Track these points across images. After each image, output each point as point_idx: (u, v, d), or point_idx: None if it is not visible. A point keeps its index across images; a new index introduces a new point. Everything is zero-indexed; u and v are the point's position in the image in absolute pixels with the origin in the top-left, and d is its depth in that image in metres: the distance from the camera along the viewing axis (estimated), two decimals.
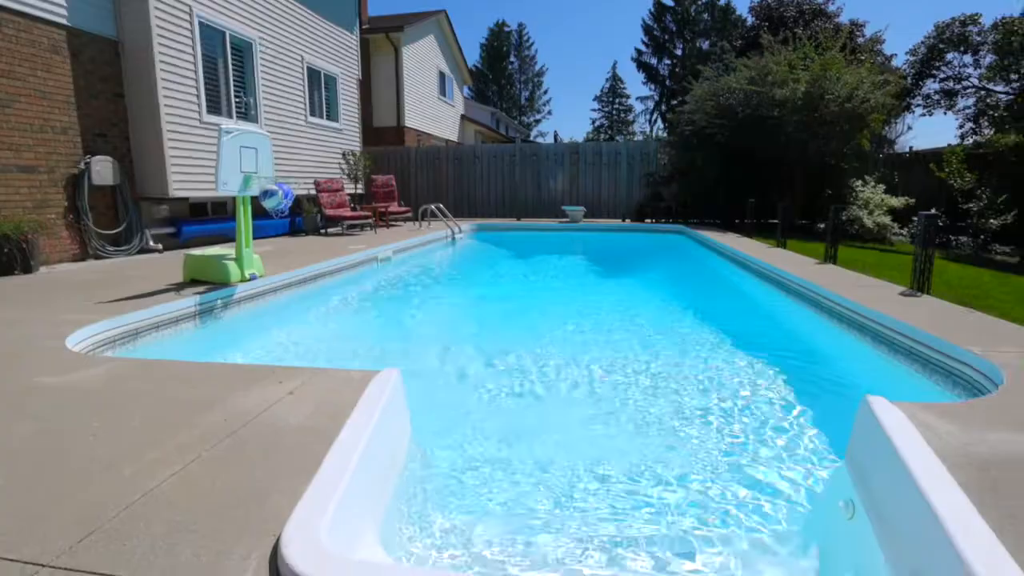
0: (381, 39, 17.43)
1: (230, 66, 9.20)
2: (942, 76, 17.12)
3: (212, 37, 8.82)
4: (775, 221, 9.51)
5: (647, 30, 42.77)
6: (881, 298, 4.47)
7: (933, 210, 5.37)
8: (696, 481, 2.33)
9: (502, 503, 2.21)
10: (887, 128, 15.45)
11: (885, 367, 3.71)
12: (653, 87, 43.95)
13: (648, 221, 13.95)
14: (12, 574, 1.30)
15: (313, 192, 11.21)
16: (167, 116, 7.81)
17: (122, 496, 1.62)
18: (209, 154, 8.34)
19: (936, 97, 17.44)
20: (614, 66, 53.38)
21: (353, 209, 11.98)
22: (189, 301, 4.35)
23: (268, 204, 5.10)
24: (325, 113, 12.51)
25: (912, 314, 3.87)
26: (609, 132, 52.65)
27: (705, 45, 39.60)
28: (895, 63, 18.25)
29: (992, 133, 12.54)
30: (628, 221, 14.29)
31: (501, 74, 53.33)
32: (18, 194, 6.43)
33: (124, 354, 3.69)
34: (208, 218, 9.20)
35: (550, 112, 55.39)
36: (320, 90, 12.26)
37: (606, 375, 3.64)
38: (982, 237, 9.23)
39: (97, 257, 7.23)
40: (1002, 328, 3.58)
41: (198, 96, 8.40)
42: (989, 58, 15.51)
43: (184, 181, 8.09)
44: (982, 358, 2.91)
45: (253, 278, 5.11)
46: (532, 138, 51.09)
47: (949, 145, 11.74)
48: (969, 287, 5.42)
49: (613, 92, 53.47)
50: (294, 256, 7.25)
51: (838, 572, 1.85)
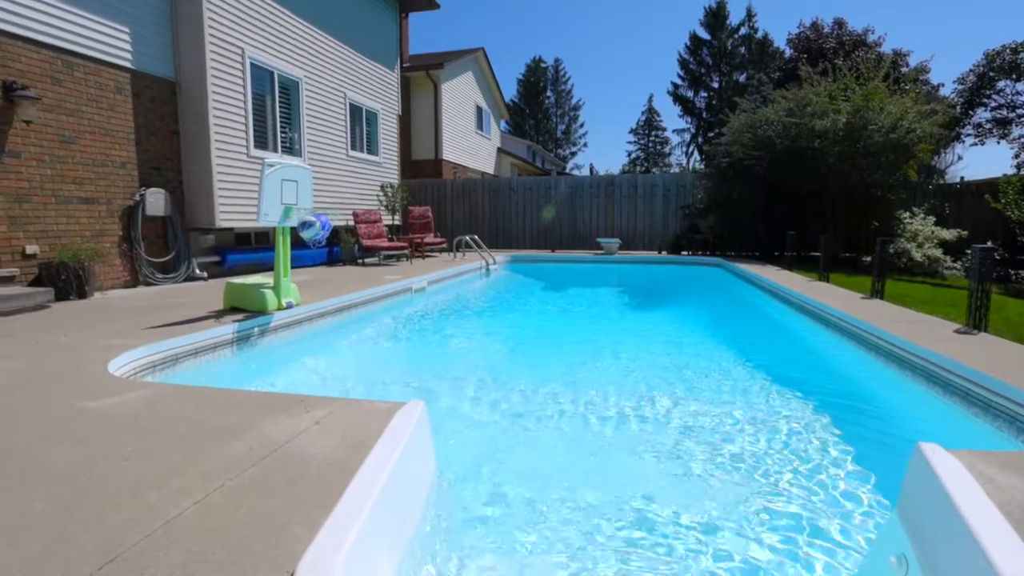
0: (421, 76, 18.06)
1: (277, 103, 9.66)
2: (994, 104, 16.55)
3: (261, 77, 9.30)
4: (816, 254, 9.22)
5: (683, 64, 43.06)
6: (934, 336, 4.23)
7: (989, 243, 5.10)
8: (735, 531, 2.20)
9: (529, 544, 2.13)
10: (936, 158, 14.97)
11: (940, 411, 3.48)
12: (689, 120, 43.99)
13: (685, 253, 13.76)
14: None
15: (352, 223, 11.52)
16: (217, 151, 8.21)
17: (145, 523, 1.63)
18: (254, 186, 8.69)
19: (988, 126, 16.83)
20: (650, 99, 53.87)
21: (390, 240, 12.23)
22: (227, 328, 4.47)
23: (306, 235, 5.24)
24: (365, 147, 12.94)
25: (969, 353, 3.64)
26: (645, 164, 52.70)
27: (742, 78, 39.55)
28: (942, 92, 17.78)
29: None
30: (664, 253, 14.12)
31: (538, 108, 54.34)
32: (78, 224, 6.81)
33: (163, 379, 3.79)
34: (251, 247, 9.53)
35: (586, 145, 56.04)
36: (361, 125, 12.72)
37: (640, 413, 3.52)
38: None
39: (147, 284, 7.55)
40: None
41: (246, 132, 8.82)
42: None
43: (230, 212, 8.44)
44: None
45: (290, 306, 5.22)
46: (568, 170, 51.54)
47: (1005, 175, 11.25)
48: None
49: (649, 125, 53.72)
50: (330, 285, 7.40)
51: None
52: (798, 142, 10.90)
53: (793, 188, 11.49)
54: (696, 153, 43.02)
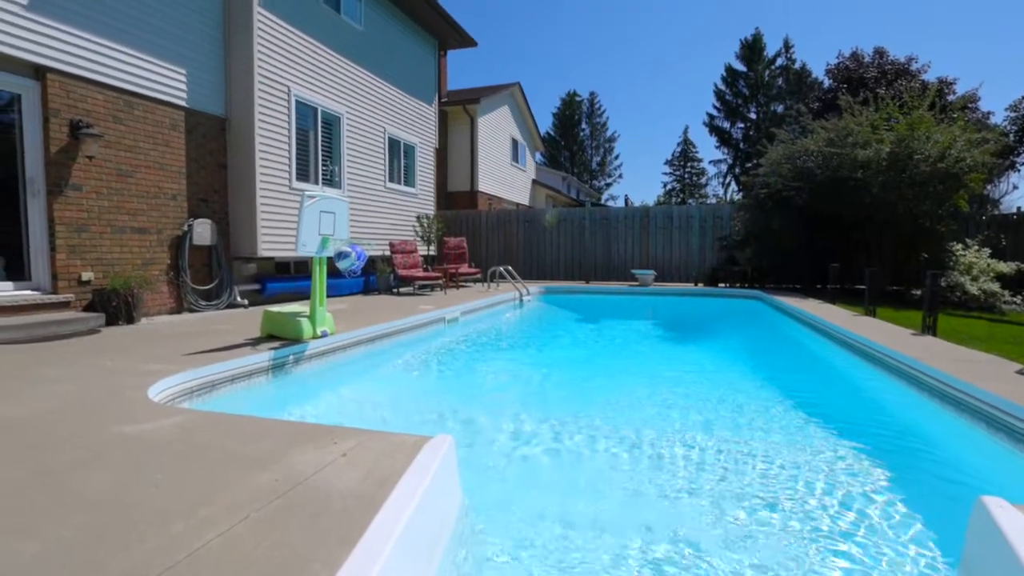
0: (458, 110, 18.53)
1: (319, 137, 10.04)
2: None
3: (305, 113, 9.71)
4: (861, 287, 8.87)
5: (719, 95, 43.03)
6: (993, 375, 3.97)
7: None
8: None
9: None
10: (989, 188, 14.35)
11: (1003, 459, 3.22)
12: (726, 151, 43.71)
13: (722, 285, 13.45)
14: None
15: (388, 253, 11.73)
16: (261, 183, 8.55)
17: (169, 554, 1.63)
18: (295, 217, 8.96)
19: None
20: (685, 130, 53.75)
21: (425, 270, 12.40)
22: (263, 356, 4.55)
23: (342, 265, 5.34)
24: (403, 179, 13.27)
25: None
26: (681, 195, 52.37)
27: (780, 108, 39.20)
28: (993, 120, 17.16)
29: None
30: (701, 285, 13.85)
31: (573, 140, 54.96)
32: (130, 252, 7.14)
33: (200, 404, 3.87)
34: (290, 276, 9.79)
35: (621, 176, 56.10)
36: (399, 158, 13.08)
37: (678, 452, 3.39)
38: None
39: (191, 311, 7.82)
40: None
41: (289, 165, 9.17)
42: None
43: (271, 242, 8.72)
44: None
45: (324, 335, 5.30)
46: (603, 201, 51.62)
47: None
48: None
49: (685, 156, 53.54)
50: (364, 315, 7.51)
51: None
52: (840, 172, 10.64)
53: (835, 219, 11.17)
54: (733, 184, 42.57)
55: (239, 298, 8.46)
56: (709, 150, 74.61)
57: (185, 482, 2.15)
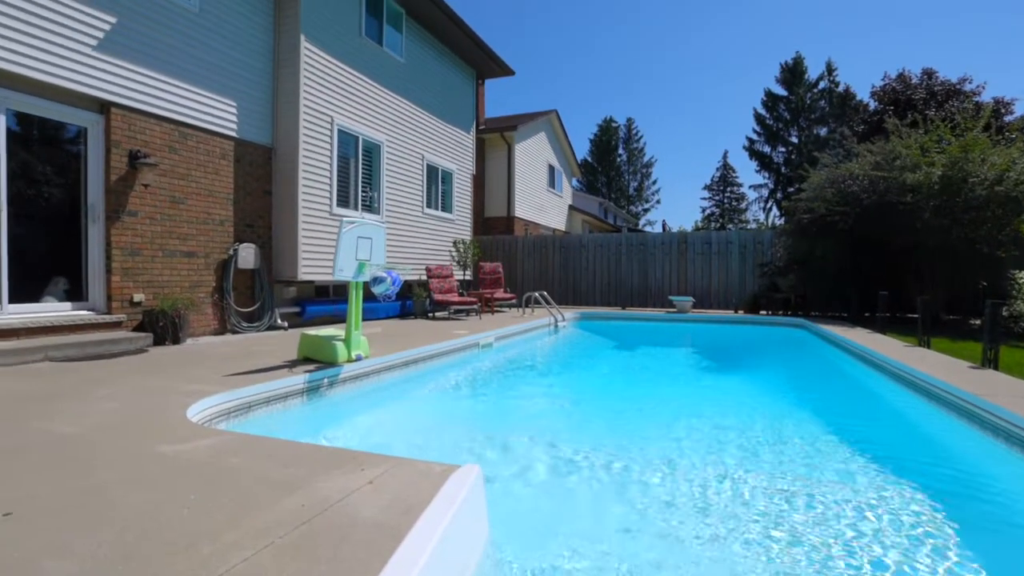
0: (496, 137, 18.84)
1: (360, 165, 10.34)
2: None
3: (347, 141, 10.04)
4: (913, 315, 8.44)
5: (759, 119, 42.51)
6: None
7: None
8: None
9: None
10: None
11: None
12: (767, 175, 42.97)
13: (763, 313, 13.05)
14: None
15: (424, 277, 11.88)
16: (303, 209, 8.84)
17: None
18: (335, 242, 9.21)
19: None
20: (725, 155, 53.14)
21: (460, 294, 12.49)
22: (298, 379, 4.63)
23: (377, 289, 5.42)
24: (440, 204, 13.50)
25: None
26: (720, 220, 51.56)
27: (823, 132, 38.36)
28: None
29: None
30: (741, 313, 13.47)
31: (610, 166, 55.05)
32: (179, 275, 7.45)
33: (237, 425, 3.94)
34: (329, 299, 10.01)
35: (659, 201, 55.72)
36: (437, 184, 13.33)
37: (721, 490, 3.24)
38: None
39: (233, 332, 8.06)
40: None
41: (330, 191, 9.46)
42: None
43: (312, 265, 8.96)
44: None
45: (359, 359, 5.36)
46: (641, 227, 51.29)
47: None
48: None
49: (724, 180, 52.88)
50: (399, 339, 7.58)
51: None
52: (887, 196, 10.26)
53: (883, 245, 10.74)
54: (775, 209, 41.65)
55: (279, 320, 8.69)
56: (749, 174, 73.67)
57: (215, 504, 2.17)
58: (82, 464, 2.62)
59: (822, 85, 40.25)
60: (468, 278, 14.31)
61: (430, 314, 11.70)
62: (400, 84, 11.60)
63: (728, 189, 52.67)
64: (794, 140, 40.92)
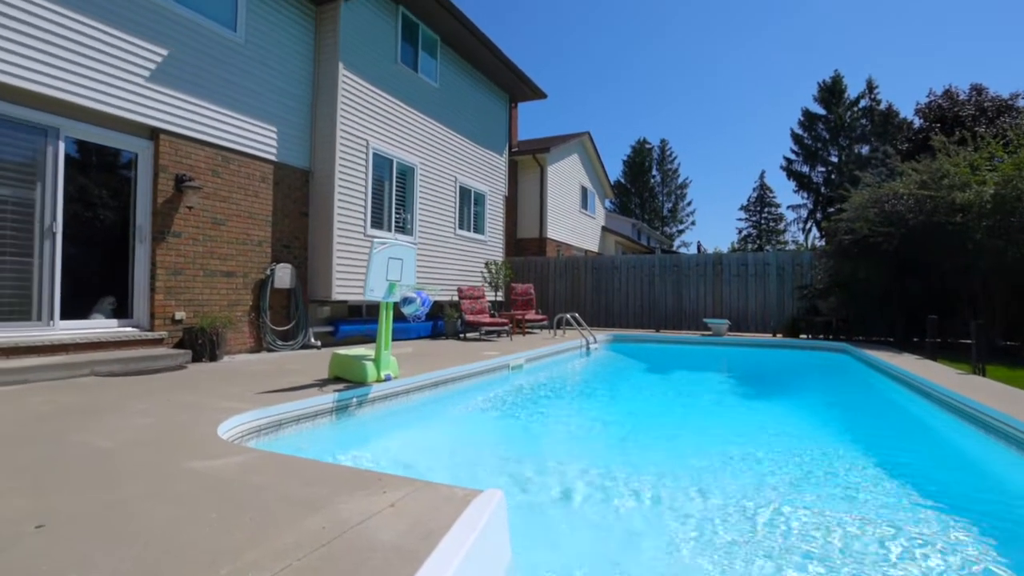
0: (528, 159, 19.00)
1: (394, 187, 10.55)
2: None
3: (382, 164, 10.26)
4: (966, 341, 7.99)
5: (797, 139, 41.77)
6: None
7: None
8: None
9: None
10: None
11: None
12: (806, 195, 41.99)
13: (803, 337, 12.59)
14: None
15: (456, 298, 11.94)
16: (338, 230, 9.03)
17: None
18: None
19: None
20: (762, 175, 52.27)
21: (492, 315, 12.48)
22: (327, 398, 4.66)
23: (407, 310, 5.46)
24: (472, 226, 13.62)
25: None
26: (758, 241, 50.49)
27: (864, 151, 37.35)
28: None
29: None
30: (779, 336, 13.04)
31: (643, 187, 54.79)
32: (218, 294, 7.67)
33: (267, 443, 3.98)
34: (362, 319, 10.14)
35: (694, 223, 54.95)
36: (469, 205, 13.47)
37: (764, 527, 3.08)
38: None
39: (268, 350, 8.22)
40: None
41: (365, 213, 9.65)
42: None
43: (345, 286, 9.12)
44: None
45: (388, 379, 5.37)
46: (675, 248, 50.67)
47: None
48: None
49: (761, 201, 51.93)
50: (429, 359, 7.59)
51: None
52: (935, 216, 9.84)
53: (930, 266, 10.27)
54: (815, 229, 40.57)
55: (313, 339, 8.83)
56: (787, 195, 72.23)
57: (237, 523, 2.17)
58: (113, 478, 2.67)
59: (863, 103, 39.34)
60: (500, 299, 14.32)
61: (461, 335, 11.71)
62: (434, 108, 11.85)
63: (765, 210, 51.65)
64: (834, 159, 39.97)
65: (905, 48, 64.62)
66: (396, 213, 10.69)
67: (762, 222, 51.49)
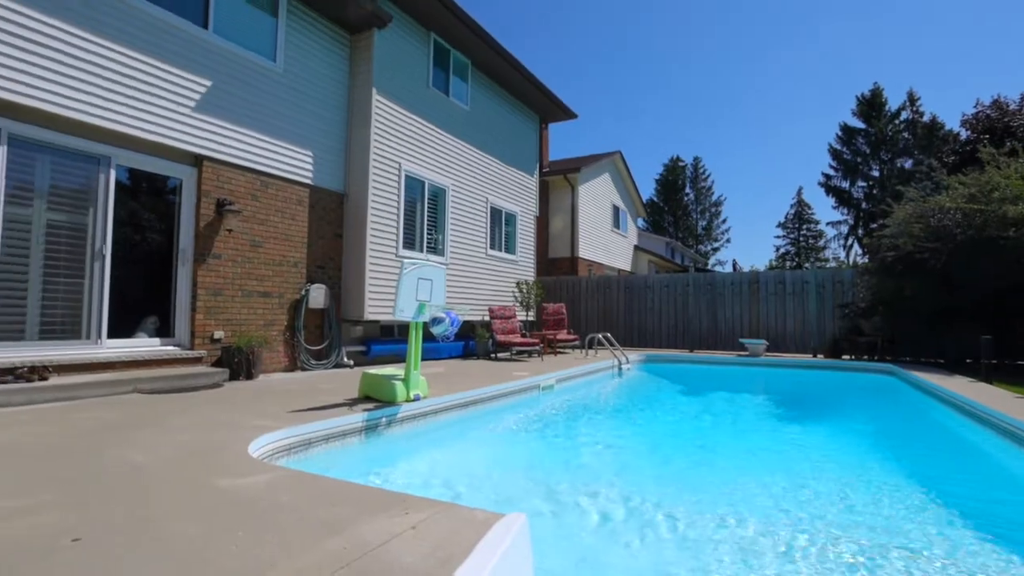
0: (559, 179, 19.06)
1: (426, 208, 10.71)
2: None
3: (413, 186, 10.45)
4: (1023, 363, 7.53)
5: (835, 154, 40.81)
6: None
7: None
8: None
9: None
10: None
11: None
12: (846, 211, 40.81)
13: (846, 358, 12.11)
14: None
15: (487, 318, 11.96)
16: (371, 251, 9.20)
17: None
18: None
19: None
20: (799, 191, 51.08)
21: (523, 335, 12.44)
22: (357, 417, 4.70)
23: (436, 330, 5.49)
24: (504, 246, 13.68)
25: None
26: (796, 259, 49.17)
27: (908, 164, 36.14)
28: None
29: None
30: (821, 357, 12.57)
31: (677, 205, 54.22)
32: (255, 314, 7.88)
33: (296, 461, 4.02)
34: (394, 339, 10.25)
35: (729, 240, 53.99)
36: (500, 226, 13.56)
37: (808, 565, 2.94)
38: None
39: (302, 369, 8.37)
40: None
41: (397, 234, 9.82)
42: None
43: (378, 306, 9.25)
44: None
45: (417, 399, 5.39)
46: (710, 266, 49.79)
47: None
48: None
49: (799, 218, 50.70)
50: (459, 379, 7.59)
51: None
52: (985, 231, 9.40)
53: (982, 283, 9.77)
54: (856, 246, 39.28)
55: (346, 358, 8.96)
56: (826, 211, 70.22)
57: (261, 541, 2.18)
58: (146, 494, 2.74)
59: (904, 116, 38.21)
60: (531, 319, 14.28)
61: (492, 355, 11.70)
62: (465, 130, 12.05)
63: (804, 226, 50.34)
64: (875, 174, 38.79)
65: (946, 59, 62.70)
66: (428, 234, 10.84)
67: (800, 239, 50.16)
